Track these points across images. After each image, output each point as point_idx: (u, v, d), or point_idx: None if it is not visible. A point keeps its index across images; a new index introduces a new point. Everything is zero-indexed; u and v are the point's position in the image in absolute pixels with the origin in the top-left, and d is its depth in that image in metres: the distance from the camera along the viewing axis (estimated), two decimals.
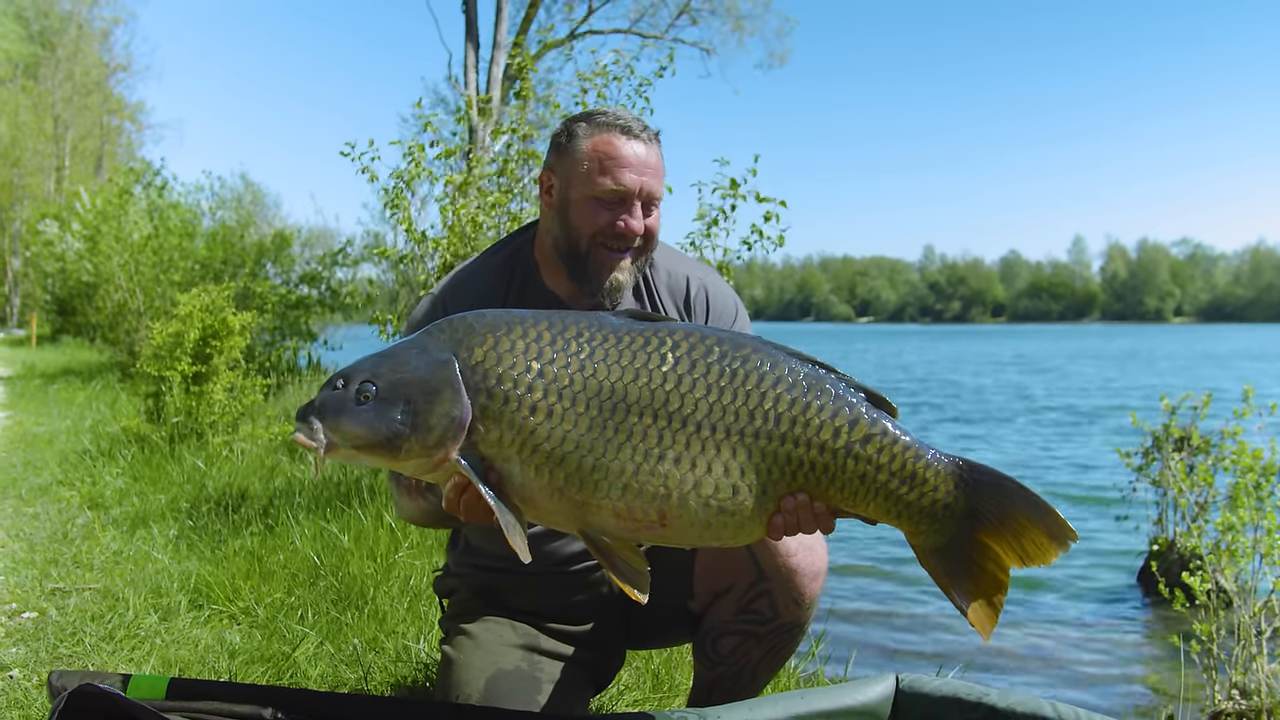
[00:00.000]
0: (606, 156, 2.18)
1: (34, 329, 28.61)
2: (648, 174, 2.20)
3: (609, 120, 2.23)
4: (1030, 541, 1.71)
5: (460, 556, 2.46)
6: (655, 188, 2.22)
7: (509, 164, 6.31)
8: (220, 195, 17.44)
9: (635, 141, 2.20)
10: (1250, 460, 4.52)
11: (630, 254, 2.23)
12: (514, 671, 2.22)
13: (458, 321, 1.76)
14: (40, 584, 4.26)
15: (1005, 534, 1.72)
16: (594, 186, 2.18)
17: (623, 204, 2.19)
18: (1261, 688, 3.89)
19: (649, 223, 2.23)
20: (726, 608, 2.26)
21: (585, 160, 2.20)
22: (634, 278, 2.27)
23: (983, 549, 1.73)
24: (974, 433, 17.60)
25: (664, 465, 1.66)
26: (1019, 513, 1.71)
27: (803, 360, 1.75)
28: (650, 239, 2.25)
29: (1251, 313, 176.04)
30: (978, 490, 1.72)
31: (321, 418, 1.67)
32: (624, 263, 2.22)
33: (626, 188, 2.17)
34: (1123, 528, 6.69)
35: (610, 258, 2.21)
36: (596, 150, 2.19)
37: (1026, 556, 1.72)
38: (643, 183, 2.19)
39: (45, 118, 43.32)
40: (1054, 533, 1.70)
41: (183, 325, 7.86)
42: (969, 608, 1.73)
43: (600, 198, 2.18)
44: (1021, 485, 1.73)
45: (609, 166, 2.18)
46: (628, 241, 2.21)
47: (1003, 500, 1.72)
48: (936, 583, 1.77)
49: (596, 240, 2.20)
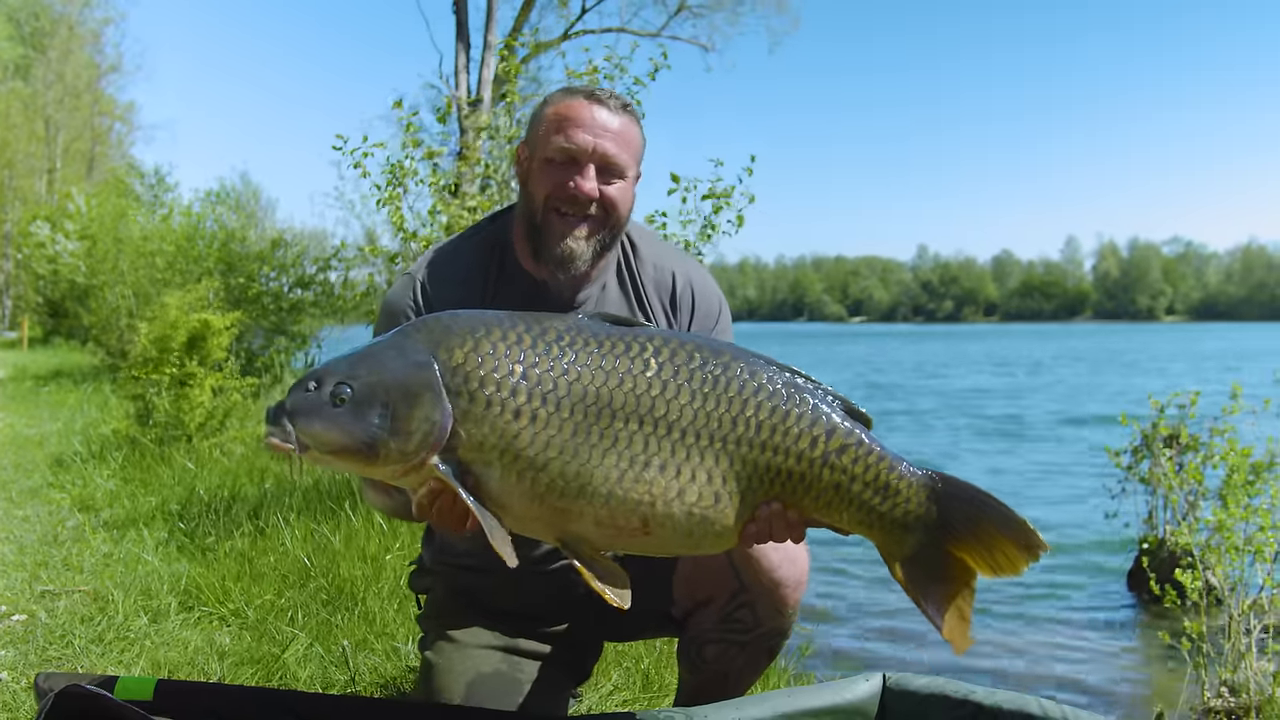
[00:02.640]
0: (562, 117, 2.12)
1: (25, 331, 28.53)
2: (605, 137, 2.10)
3: (577, 88, 2.20)
4: (1001, 552, 1.72)
5: (436, 554, 2.42)
6: (615, 154, 2.11)
7: (490, 166, 6.30)
8: (220, 196, 17.50)
9: (599, 107, 2.13)
10: (1240, 457, 4.54)
11: (587, 222, 2.13)
12: (494, 674, 2.21)
13: (433, 322, 1.72)
14: (30, 586, 4.25)
15: (976, 545, 1.72)
16: (547, 147, 2.12)
17: (575, 164, 2.10)
18: (1250, 685, 3.90)
19: (609, 191, 2.12)
20: (709, 617, 2.25)
21: (544, 123, 2.15)
22: (591, 249, 2.15)
23: (953, 560, 1.73)
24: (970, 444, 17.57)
25: (649, 472, 1.64)
26: (989, 524, 1.72)
27: (780, 368, 1.74)
28: (610, 210, 2.14)
29: (1243, 311, 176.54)
30: (949, 502, 1.73)
31: (294, 420, 1.60)
32: (579, 231, 2.12)
33: (578, 146, 2.09)
34: (1112, 526, 6.70)
35: (562, 223, 2.12)
36: (557, 114, 2.14)
37: (997, 567, 1.73)
38: (597, 144, 2.09)
39: (36, 119, 43.16)
40: (1024, 543, 1.71)
41: (169, 329, 7.83)
42: (942, 620, 1.73)
43: (552, 158, 2.12)
44: (992, 497, 1.73)
45: (563, 126, 2.11)
46: (580, 206, 2.11)
47: (973, 512, 1.72)
48: (907, 594, 1.77)
49: (549, 204, 2.13)
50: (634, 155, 2.18)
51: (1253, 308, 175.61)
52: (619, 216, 2.17)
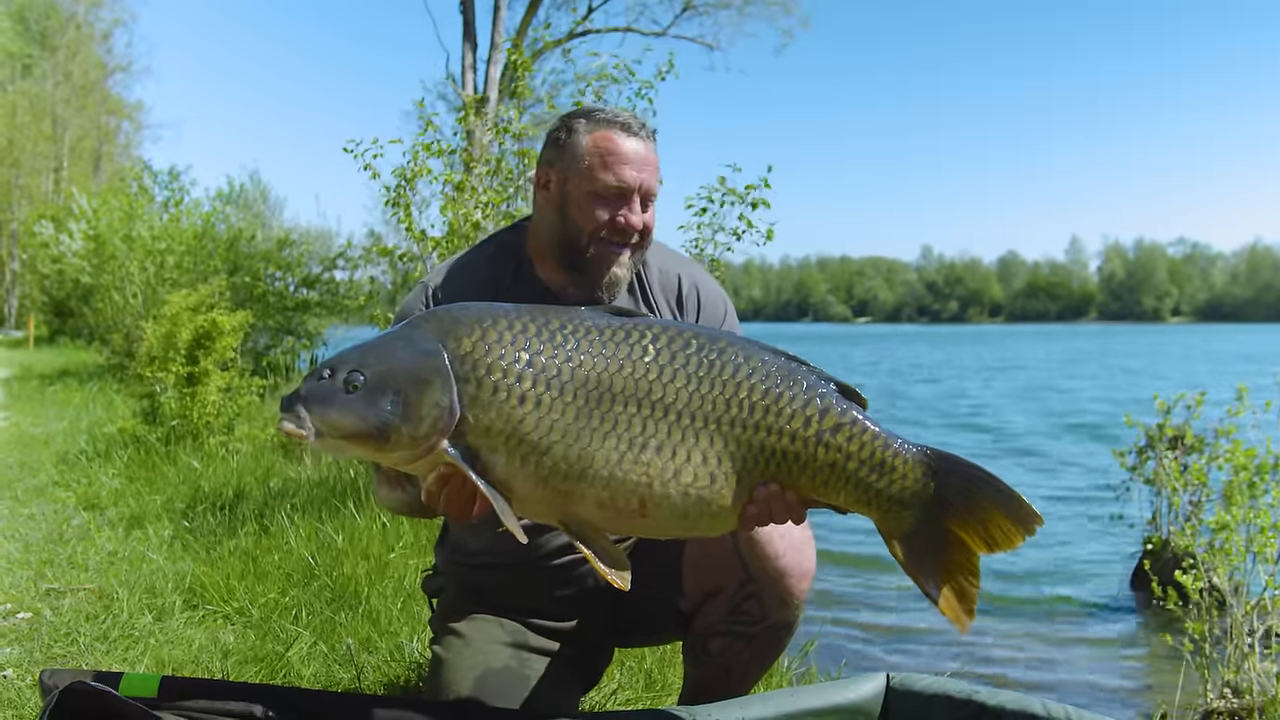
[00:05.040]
0: (608, 153, 2.20)
1: (31, 330, 28.60)
2: (647, 170, 2.22)
3: (608, 117, 2.25)
4: (996, 527, 1.74)
5: (448, 555, 2.47)
6: (653, 184, 2.25)
7: (501, 162, 6.32)
8: (229, 196, 17.60)
9: (634, 138, 2.23)
10: (1244, 459, 4.53)
11: (629, 249, 2.25)
12: (503, 669, 2.23)
13: (442, 313, 1.77)
14: (35, 584, 4.26)
15: (972, 520, 1.75)
16: (595, 183, 2.20)
17: (623, 200, 2.21)
18: (1253, 686, 3.90)
19: (646, 218, 2.25)
20: (716, 609, 2.26)
21: (585, 156, 2.21)
22: (630, 272, 2.29)
23: (950, 535, 1.76)
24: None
25: (646, 454, 1.68)
26: (985, 499, 1.74)
27: (776, 353, 1.78)
28: (647, 234, 2.27)
29: (1249, 312, 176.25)
30: (945, 478, 1.75)
31: (309, 407, 1.66)
32: (623, 257, 2.24)
33: (628, 184, 2.19)
34: (1117, 526, 6.70)
35: (610, 252, 2.23)
36: (597, 147, 2.21)
37: (993, 542, 1.75)
38: (642, 179, 2.21)
39: (43, 118, 43.28)
40: (1019, 518, 1.73)
41: (173, 326, 7.86)
42: (940, 596, 1.75)
43: (601, 194, 2.20)
44: (988, 472, 1.76)
45: (610, 163, 2.20)
46: (628, 237, 2.23)
47: (969, 487, 1.75)
48: (905, 571, 1.80)
49: (598, 236, 2.22)
50: (658, 177, 2.29)
51: (1259, 309, 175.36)
52: (651, 237, 2.31)
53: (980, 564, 1.77)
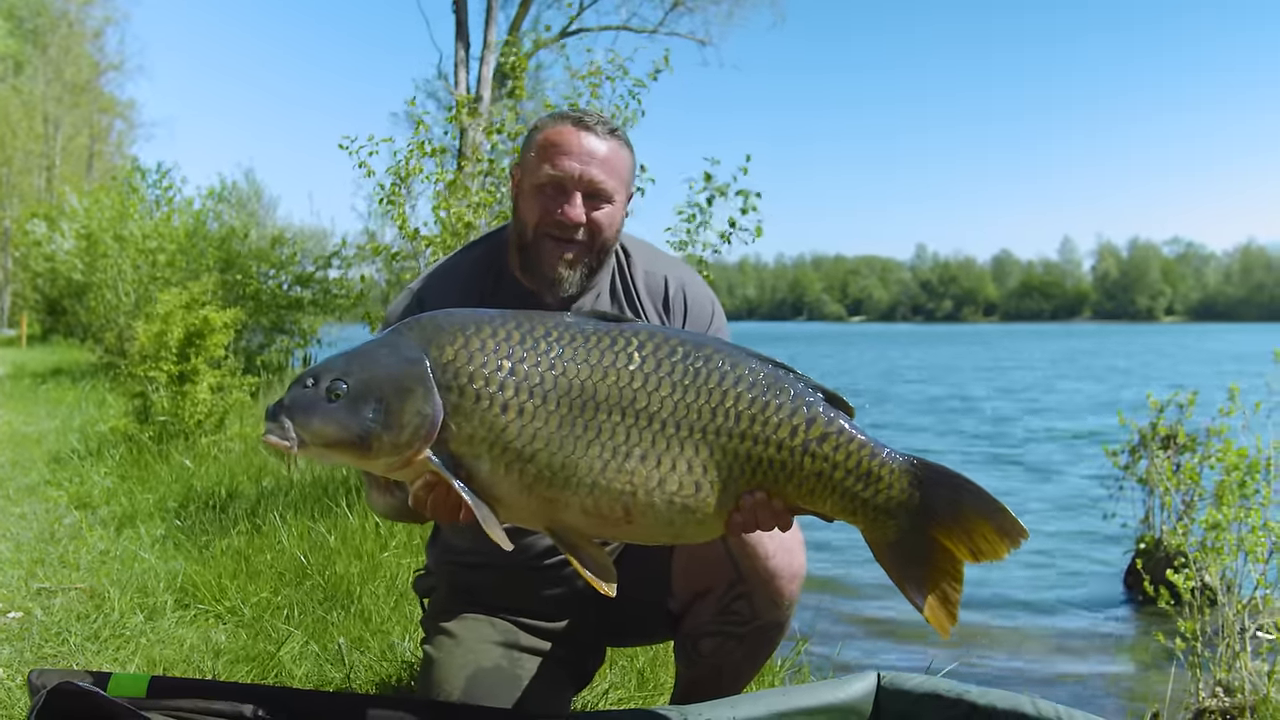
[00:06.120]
0: (550, 144, 2.18)
1: (24, 329, 28.53)
2: (592, 164, 2.16)
3: (566, 113, 2.23)
4: (982, 538, 1.74)
5: (440, 555, 2.47)
6: (602, 180, 2.17)
7: (494, 163, 6.31)
8: (221, 194, 17.56)
9: (587, 133, 2.18)
10: (1236, 458, 4.54)
11: (574, 247, 2.19)
12: (494, 669, 2.23)
13: (426, 320, 1.76)
14: (26, 584, 4.25)
15: (957, 530, 1.75)
16: (536, 175, 2.18)
17: (563, 192, 2.16)
18: (1245, 685, 3.91)
19: (596, 216, 2.18)
20: (706, 610, 2.26)
21: (533, 150, 2.21)
22: (581, 273, 2.22)
23: (936, 545, 1.76)
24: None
25: (630, 462, 1.68)
26: (971, 510, 1.74)
27: (762, 361, 1.77)
28: (597, 234, 2.20)
29: (1242, 311, 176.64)
30: (931, 488, 1.75)
31: (292, 416, 1.66)
32: (567, 255, 2.19)
33: (564, 173, 2.15)
34: (1109, 525, 6.71)
35: (553, 248, 2.19)
36: (545, 140, 2.19)
37: (979, 552, 1.75)
38: (584, 170, 2.15)
39: (35, 116, 43.14)
40: (1005, 530, 1.73)
41: (164, 325, 7.83)
42: (924, 603, 1.76)
43: (541, 185, 2.18)
44: (974, 483, 1.75)
45: (550, 154, 2.17)
46: (569, 231, 2.17)
47: (955, 497, 1.75)
48: (891, 578, 1.80)
49: (540, 230, 2.19)
50: (622, 179, 2.23)
51: (1252, 308, 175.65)
52: (605, 239, 2.23)
53: (964, 570, 1.77)
